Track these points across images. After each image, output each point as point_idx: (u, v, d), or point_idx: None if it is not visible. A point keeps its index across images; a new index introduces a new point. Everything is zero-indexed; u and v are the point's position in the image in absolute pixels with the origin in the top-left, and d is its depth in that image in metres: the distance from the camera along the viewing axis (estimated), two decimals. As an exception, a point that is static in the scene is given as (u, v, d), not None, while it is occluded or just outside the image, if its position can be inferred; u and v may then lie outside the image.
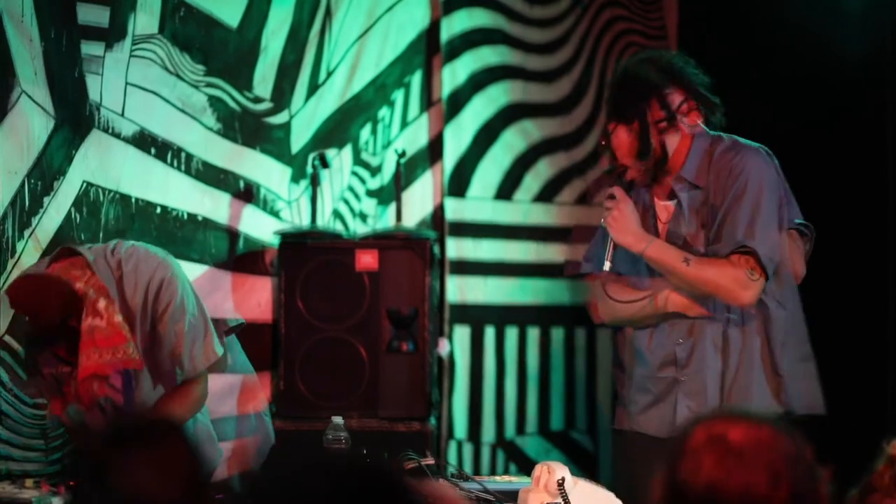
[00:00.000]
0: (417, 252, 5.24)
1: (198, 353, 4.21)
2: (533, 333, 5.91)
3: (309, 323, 5.16)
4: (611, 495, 3.50)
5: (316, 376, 5.16)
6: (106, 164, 4.85)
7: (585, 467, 5.66)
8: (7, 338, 4.56)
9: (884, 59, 5.47)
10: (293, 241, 5.20)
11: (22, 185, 4.63)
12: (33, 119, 4.65)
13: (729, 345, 4.17)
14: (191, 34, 5.11)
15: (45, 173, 4.69)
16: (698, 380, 4.17)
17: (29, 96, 4.63)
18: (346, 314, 5.19)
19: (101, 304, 4.01)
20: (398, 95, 5.70)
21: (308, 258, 5.18)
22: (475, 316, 5.80)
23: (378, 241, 5.28)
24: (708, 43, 5.86)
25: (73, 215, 4.75)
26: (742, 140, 4.23)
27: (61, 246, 4.29)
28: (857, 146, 5.53)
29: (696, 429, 2.10)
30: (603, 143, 4.24)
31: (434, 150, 5.77)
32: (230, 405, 5.00)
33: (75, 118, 4.78)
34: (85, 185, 4.79)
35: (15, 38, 4.60)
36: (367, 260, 5.21)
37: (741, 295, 4.10)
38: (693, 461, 2.06)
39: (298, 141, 5.44)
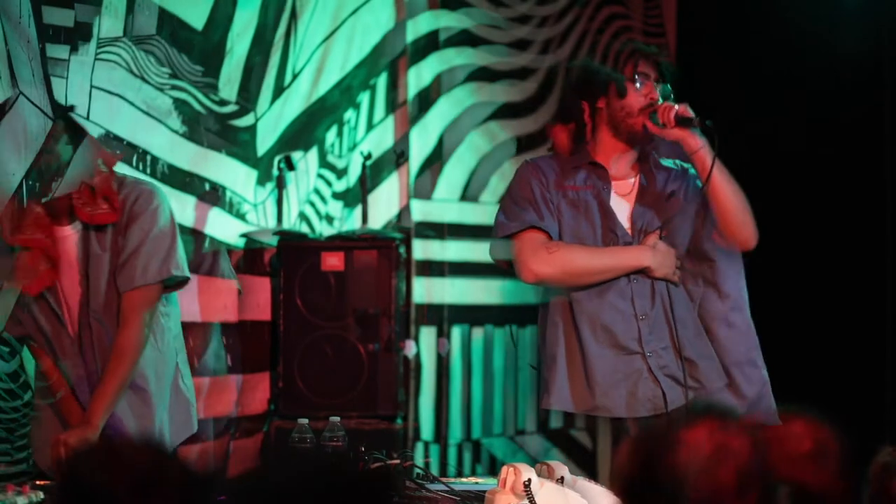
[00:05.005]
0: (384, 253, 5.27)
1: (154, 263, 4.01)
2: (499, 334, 5.93)
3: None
4: (577, 496, 3.51)
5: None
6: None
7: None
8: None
9: (882, 58, 5.52)
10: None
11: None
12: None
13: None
14: (156, 37, 5.11)
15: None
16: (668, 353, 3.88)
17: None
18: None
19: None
20: (364, 97, 5.71)
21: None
22: (442, 316, 5.82)
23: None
24: (706, 40, 5.89)
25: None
26: None
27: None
28: (854, 143, 5.57)
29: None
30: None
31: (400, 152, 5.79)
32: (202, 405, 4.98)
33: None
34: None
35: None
36: (333, 262, 5.24)
37: (753, 232, 3.82)
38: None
39: (264, 143, 5.45)
